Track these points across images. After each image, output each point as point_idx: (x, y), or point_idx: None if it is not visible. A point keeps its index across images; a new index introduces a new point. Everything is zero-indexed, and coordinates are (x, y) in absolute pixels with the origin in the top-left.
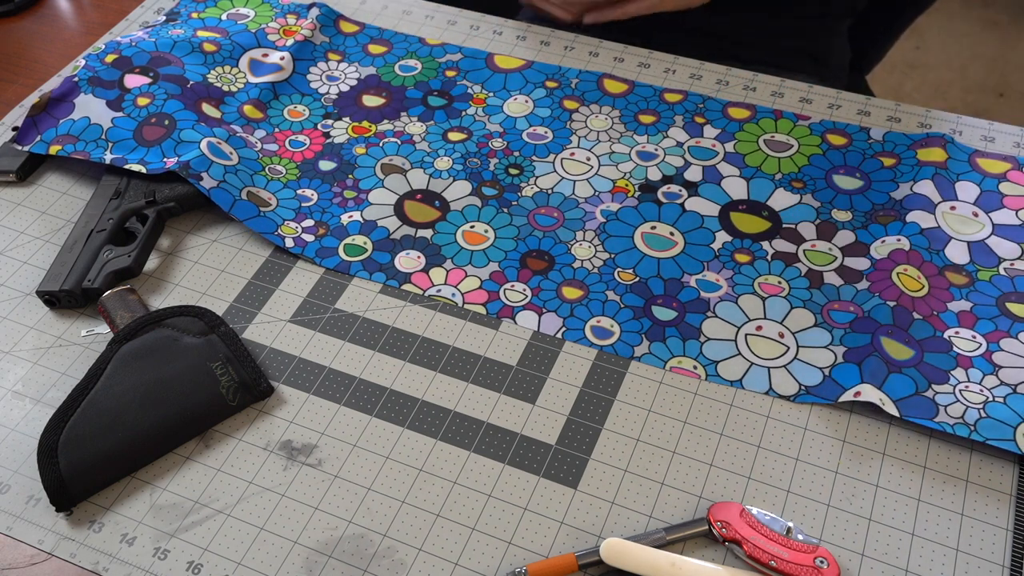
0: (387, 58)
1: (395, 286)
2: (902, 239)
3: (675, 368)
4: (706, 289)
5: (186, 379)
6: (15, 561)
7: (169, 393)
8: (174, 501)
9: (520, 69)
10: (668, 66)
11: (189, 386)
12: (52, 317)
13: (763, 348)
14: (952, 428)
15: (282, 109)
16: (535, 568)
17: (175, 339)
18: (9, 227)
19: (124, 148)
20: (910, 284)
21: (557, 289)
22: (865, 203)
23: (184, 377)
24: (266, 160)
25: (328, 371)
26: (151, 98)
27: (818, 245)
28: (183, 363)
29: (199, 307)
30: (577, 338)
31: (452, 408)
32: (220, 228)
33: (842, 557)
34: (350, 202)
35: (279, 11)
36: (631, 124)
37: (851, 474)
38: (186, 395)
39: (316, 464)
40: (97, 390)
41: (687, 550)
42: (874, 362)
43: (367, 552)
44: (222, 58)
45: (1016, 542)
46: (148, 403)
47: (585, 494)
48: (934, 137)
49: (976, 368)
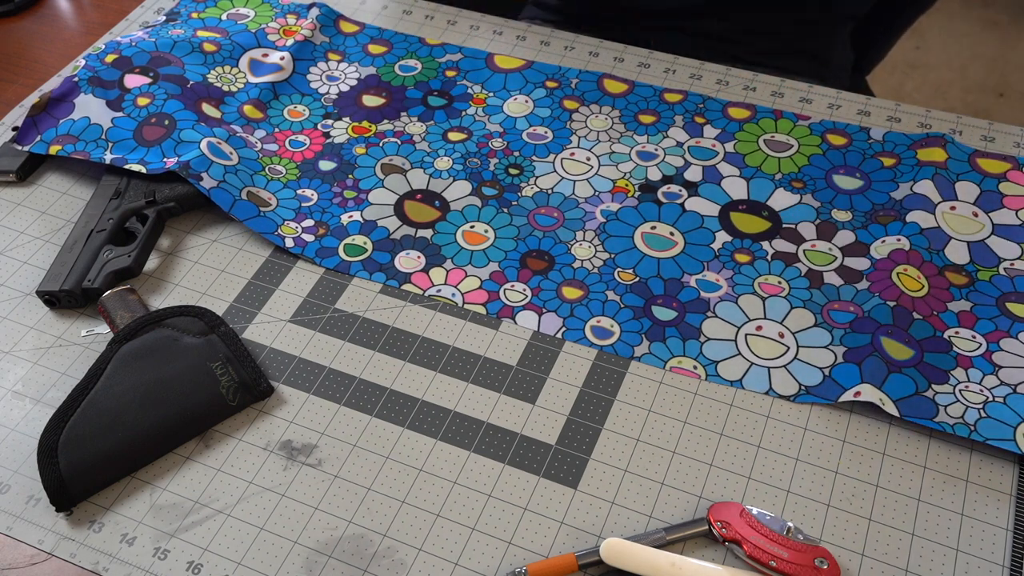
0: (387, 58)
1: (395, 286)
2: (902, 239)
3: (675, 368)
4: (706, 289)
5: (186, 379)
6: (15, 561)
7: (169, 393)
8: (174, 501)
9: (520, 69)
10: (668, 66)
11: (189, 386)
12: (52, 317)
13: (763, 348)
14: (952, 428)
15: (282, 109)
16: (535, 568)
17: (175, 339)
18: (9, 227)
19: (124, 148)
20: (910, 284)
21: (557, 289)
22: (865, 203)
23: (184, 377)
24: (266, 160)
25: (328, 371)
26: (151, 98)
27: (818, 245)
28: (183, 363)
29: (199, 307)
30: (577, 338)
31: (452, 408)
32: (220, 228)
33: (842, 557)
34: (350, 202)
35: (279, 11)
36: (631, 124)
37: (851, 474)
38: (186, 395)
39: (316, 464)
40: (97, 390)
41: (687, 550)
42: (874, 362)
43: (367, 552)
44: (222, 58)
45: (1016, 542)
46: (148, 403)
47: (585, 494)
48: (934, 137)
49: (976, 368)
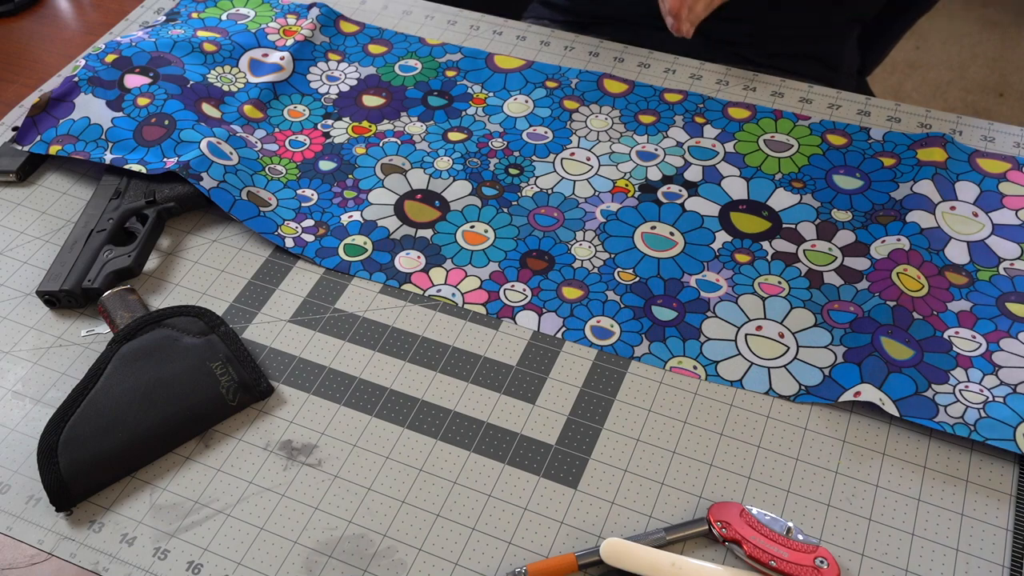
0: (387, 58)
1: (395, 286)
2: (902, 239)
3: (675, 368)
4: (706, 289)
5: (186, 379)
6: (15, 561)
7: (169, 393)
8: (174, 501)
9: (520, 69)
10: (668, 66)
11: (189, 386)
12: (52, 317)
13: (763, 348)
14: (952, 428)
15: (282, 109)
16: (535, 568)
17: (175, 339)
18: (9, 227)
19: (124, 148)
20: (910, 284)
21: (557, 289)
22: (865, 203)
23: (184, 377)
24: (266, 160)
25: (328, 371)
26: (151, 98)
27: (818, 245)
28: (183, 363)
29: (199, 307)
30: (577, 338)
31: (452, 408)
32: (220, 228)
33: (842, 557)
34: (350, 202)
35: (279, 11)
36: (631, 124)
37: (851, 474)
38: (186, 395)
39: (316, 464)
40: (97, 390)
41: (687, 550)
42: (874, 362)
43: (367, 552)
44: (222, 58)
45: (1016, 542)
46: (148, 403)
47: (585, 494)
48: (934, 137)
49: (976, 368)
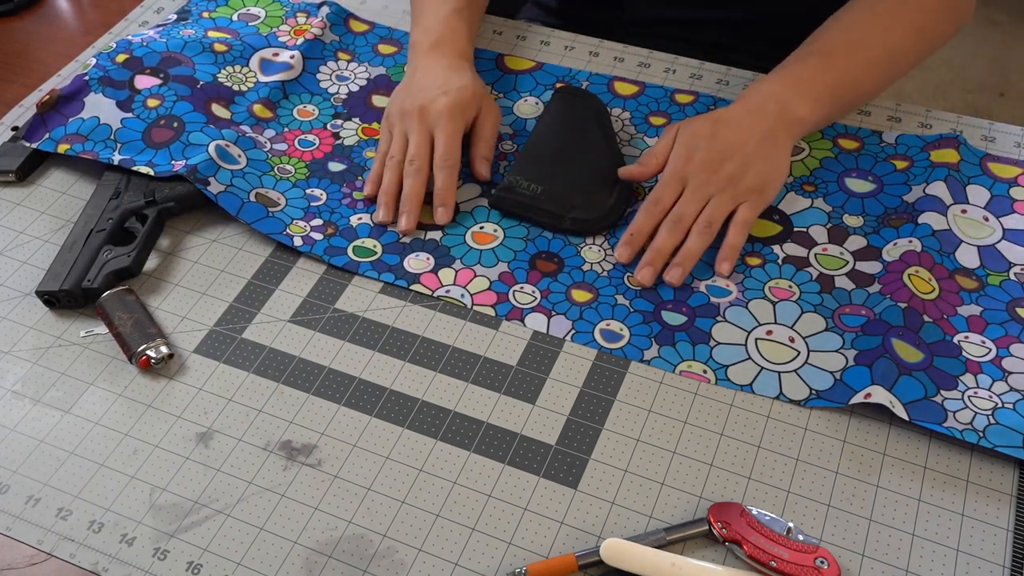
0: (397, 58)
1: (404, 286)
2: (914, 240)
3: (685, 372)
4: (716, 294)
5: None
6: (15, 561)
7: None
8: (174, 501)
9: (530, 71)
10: (668, 66)
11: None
12: (52, 317)
13: (773, 353)
14: (961, 434)
15: (292, 108)
16: (535, 568)
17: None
18: (9, 227)
19: (133, 149)
20: (921, 286)
21: (566, 292)
22: (877, 207)
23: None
24: (275, 160)
25: (328, 371)
26: (161, 100)
27: (829, 249)
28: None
29: None
30: (586, 341)
31: (452, 408)
32: (220, 228)
33: (842, 557)
34: (360, 203)
35: (288, 10)
36: (642, 126)
37: (851, 474)
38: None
39: (316, 464)
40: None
41: (687, 550)
42: (885, 363)
43: (367, 552)
44: (232, 58)
45: (1016, 542)
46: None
47: (585, 494)
48: (947, 138)
49: (985, 374)
